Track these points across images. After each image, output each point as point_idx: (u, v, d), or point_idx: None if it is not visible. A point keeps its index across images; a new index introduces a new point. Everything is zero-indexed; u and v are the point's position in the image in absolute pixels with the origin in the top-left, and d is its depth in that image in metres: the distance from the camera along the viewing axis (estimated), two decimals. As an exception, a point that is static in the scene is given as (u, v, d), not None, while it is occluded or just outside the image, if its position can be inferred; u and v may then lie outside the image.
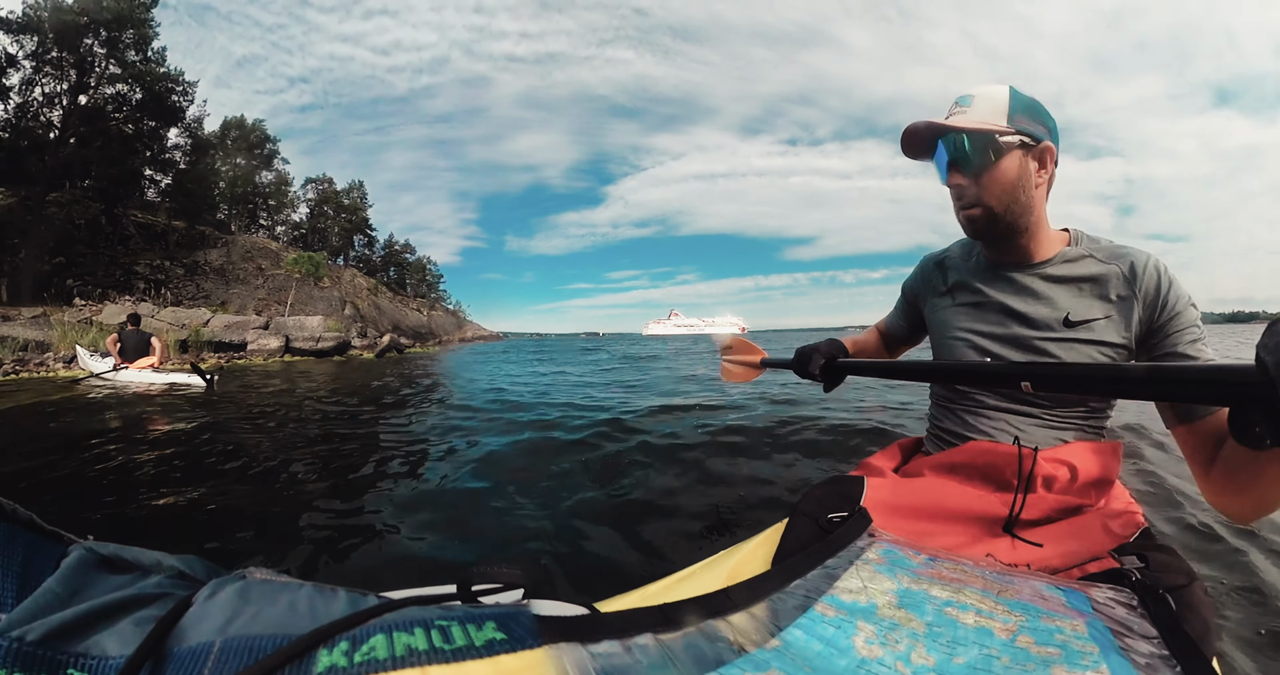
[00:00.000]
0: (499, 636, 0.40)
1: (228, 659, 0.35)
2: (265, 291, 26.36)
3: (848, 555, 0.77)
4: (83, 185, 22.77)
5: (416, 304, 47.20)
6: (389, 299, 39.62)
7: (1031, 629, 0.59)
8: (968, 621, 0.61)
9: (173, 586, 0.42)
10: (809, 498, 0.98)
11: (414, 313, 42.44)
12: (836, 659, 0.53)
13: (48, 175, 20.86)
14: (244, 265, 27.76)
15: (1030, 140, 0.91)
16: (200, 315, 17.70)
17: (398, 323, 35.67)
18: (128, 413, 4.99)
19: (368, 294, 35.32)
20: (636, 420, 4.05)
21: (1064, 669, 0.52)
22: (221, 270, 26.44)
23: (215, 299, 24.16)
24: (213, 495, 2.46)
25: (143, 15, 23.40)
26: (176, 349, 14.50)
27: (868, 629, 0.59)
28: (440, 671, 0.36)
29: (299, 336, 18.03)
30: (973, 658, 0.54)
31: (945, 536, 0.90)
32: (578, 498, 2.34)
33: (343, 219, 44.68)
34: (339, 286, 31.82)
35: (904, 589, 0.68)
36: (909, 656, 0.54)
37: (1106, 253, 0.95)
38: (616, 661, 0.43)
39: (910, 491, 0.98)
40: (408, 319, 38.87)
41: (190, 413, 4.97)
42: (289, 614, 0.39)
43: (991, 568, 0.79)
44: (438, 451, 3.39)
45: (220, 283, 25.70)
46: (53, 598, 0.36)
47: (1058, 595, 0.68)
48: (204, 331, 16.19)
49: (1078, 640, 0.57)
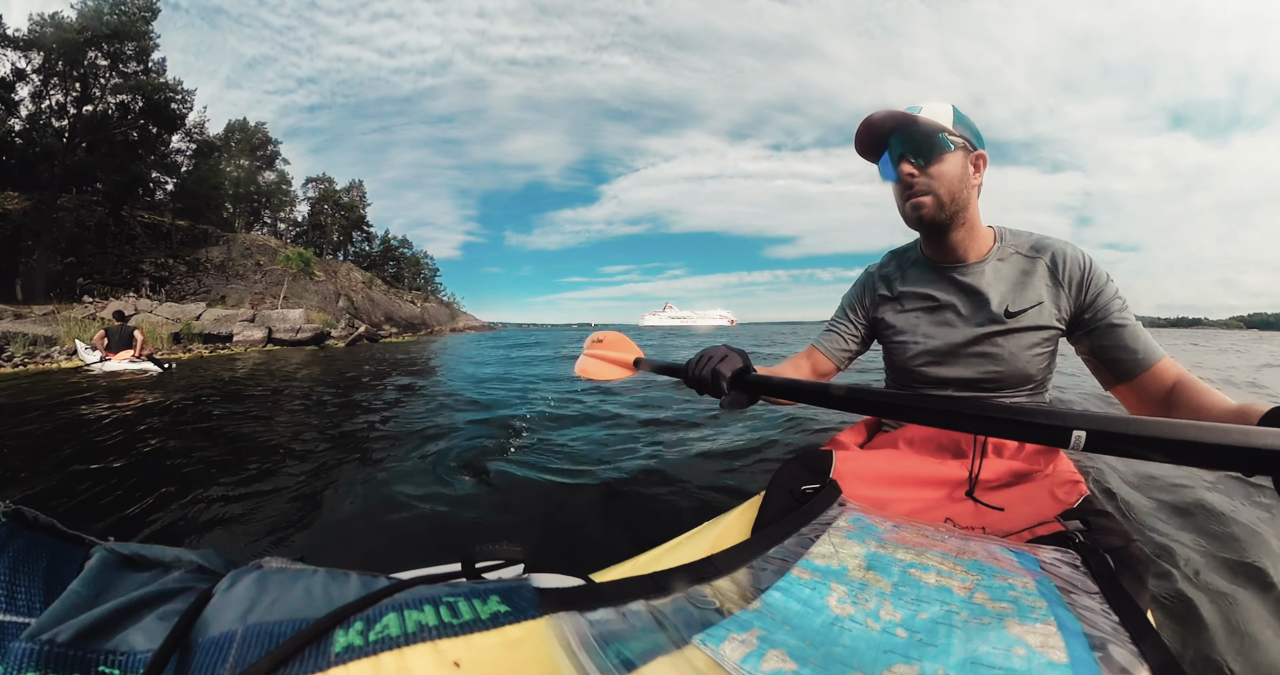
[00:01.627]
0: (503, 609, 0.42)
1: (250, 646, 0.36)
2: (263, 286, 26.52)
3: (820, 523, 0.80)
4: (90, 189, 23.20)
5: (411, 296, 47.52)
6: (383, 292, 39.70)
7: (987, 587, 0.62)
8: (930, 581, 0.64)
9: (193, 580, 0.43)
10: (784, 471, 1.01)
11: (408, 304, 42.65)
12: (813, 617, 0.56)
13: (58, 181, 21.28)
14: (243, 261, 27.89)
15: (970, 145, 0.99)
16: (193, 310, 18.34)
17: (391, 314, 35.87)
18: (86, 398, 5.18)
19: (362, 287, 35.34)
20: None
21: (1016, 622, 0.54)
22: (222, 266, 26.64)
23: (215, 294, 24.34)
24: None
25: (143, 28, 23.72)
26: (170, 341, 15.38)
27: (840, 590, 0.62)
28: (450, 644, 0.37)
29: (281, 328, 18.66)
30: (935, 613, 0.57)
31: (908, 503, 0.94)
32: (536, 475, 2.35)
33: (340, 216, 44.88)
34: (335, 280, 31.87)
35: (872, 553, 0.71)
36: (878, 613, 0.57)
37: (1031, 246, 1.00)
38: (612, 627, 0.45)
39: (875, 463, 1.01)
40: (401, 310, 38.97)
41: (141, 398, 5.15)
42: (305, 599, 0.40)
43: (950, 532, 0.82)
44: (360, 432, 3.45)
45: (221, 278, 25.88)
46: (79, 599, 0.36)
47: (1010, 556, 0.71)
48: (195, 325, 17.00)
49: (1028, 596, 0.60)
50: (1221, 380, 6.16)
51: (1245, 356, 11.72)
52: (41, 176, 20.77)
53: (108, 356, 8.35)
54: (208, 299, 23.17)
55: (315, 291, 28.41)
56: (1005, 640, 0.51)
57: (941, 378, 1.07)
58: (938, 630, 0.53)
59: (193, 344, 16.38)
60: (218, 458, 2.86)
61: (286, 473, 2.51)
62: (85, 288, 20.35)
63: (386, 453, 2.89)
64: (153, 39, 24.46)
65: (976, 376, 1.03)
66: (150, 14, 24.25)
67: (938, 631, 0.53)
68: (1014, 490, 0.93)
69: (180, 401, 4.91)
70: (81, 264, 21.51)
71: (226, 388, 6.27)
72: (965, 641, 0.51)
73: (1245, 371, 7.79)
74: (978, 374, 1.03)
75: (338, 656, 0.35)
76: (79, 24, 21.64)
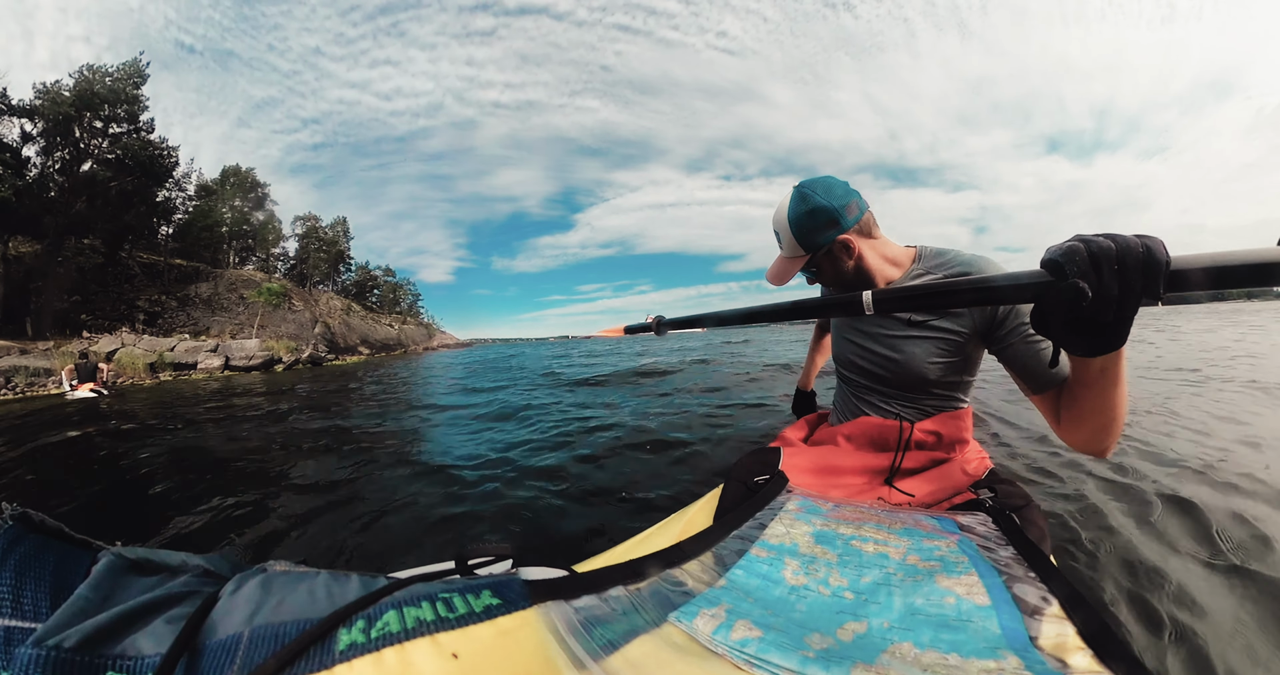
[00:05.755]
0: (495, 602, 0.42)
1: (257, 647, 0.35)
2: (244, 318, 27.07)
3: (772, 508, 0.84)
4: (86, 240, 23.86)
5: (390, 319, 48.38)
6: (361, 317, 40.16)
7: (916, 550, 0.67)
8: (868, 550, 0.67)
9: (200, 584, 0.41)
10: (739, 466, 1.07)
11: (385, 327, 43.27)
12: (772, 589, 0.59)
13: (61, 230, 21.97)
14: (228, 295, 28.24)
15: (823, 248, 0.97)
16: (167, 343, 19.66)
17: (366, 337, 36.54)
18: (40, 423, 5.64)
19: (340, 313, 35.84)
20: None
21: (944, 576, 0.59)
22: (209, 301, 27.03)
23: (201, 326, 24.83)
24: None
25: (133, 93, 24.91)
26: (146, 370, 17.11)
27: (794, 563, 0.65)
28: (448, 637, 0.37)
29: (237, 356, 20.19)
30: (875, 576, 0.60)
31: (844, 488, 1.00)
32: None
33: (323, 251, 45.62)
34: (314, 308, 32.48)
35: (818, 530, 0.75)
36: (827, 580, 0.60)
37: (944, 265, 0.99)
38: (595, 612, 0.47)
39: (816, 456, 1.09)
40: (377, 333, 39.63)
41: (82, 423, 5.49)
42: (309, 600, 0.40)
43: (882, 507, 0.88)
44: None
45: (207, 311, 26.33)
46: (86, 604, 0.35)
47: (934, 523, 0.76)
48: (168, 355, 18.38)
49: (952, 554, 0.65)
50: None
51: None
52: (47, 229, 21.67)
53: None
54: (194, 330, 23.89)
55: (292, 320, 29.09)
56: (936, 592, 0.56)
57: (859, 367, 1.13)
58: (879, 590, 0.57)
59: (163, 372, 17.72)
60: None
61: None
62: (87, 323, 21.37)
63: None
64: (142, 102, 25.54)
65: (881, 373, 1.08)
66: (140, 79, 25.51)
67: (879, 591, 0.57)
68: (933, 472, 1.01)
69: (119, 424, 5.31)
70: (86, 302, 22.44)
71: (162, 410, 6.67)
72: (904, 597, 0.55)
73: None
74: (883, 371, 1.08)
75: (342, 654, 0.34)
76: (74, 93, 22.90)
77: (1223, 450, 2.33)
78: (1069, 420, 0.76)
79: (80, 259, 23.19)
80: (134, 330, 22.09)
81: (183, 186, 31.68)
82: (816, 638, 0.49)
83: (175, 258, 29.57)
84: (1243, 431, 2.64)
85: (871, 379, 1.12)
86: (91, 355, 15.45)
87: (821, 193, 0.96)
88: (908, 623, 0.51)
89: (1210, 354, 6.50)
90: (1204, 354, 6.53)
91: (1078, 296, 0.48)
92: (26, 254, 21.85)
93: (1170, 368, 5.30)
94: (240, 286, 29.92)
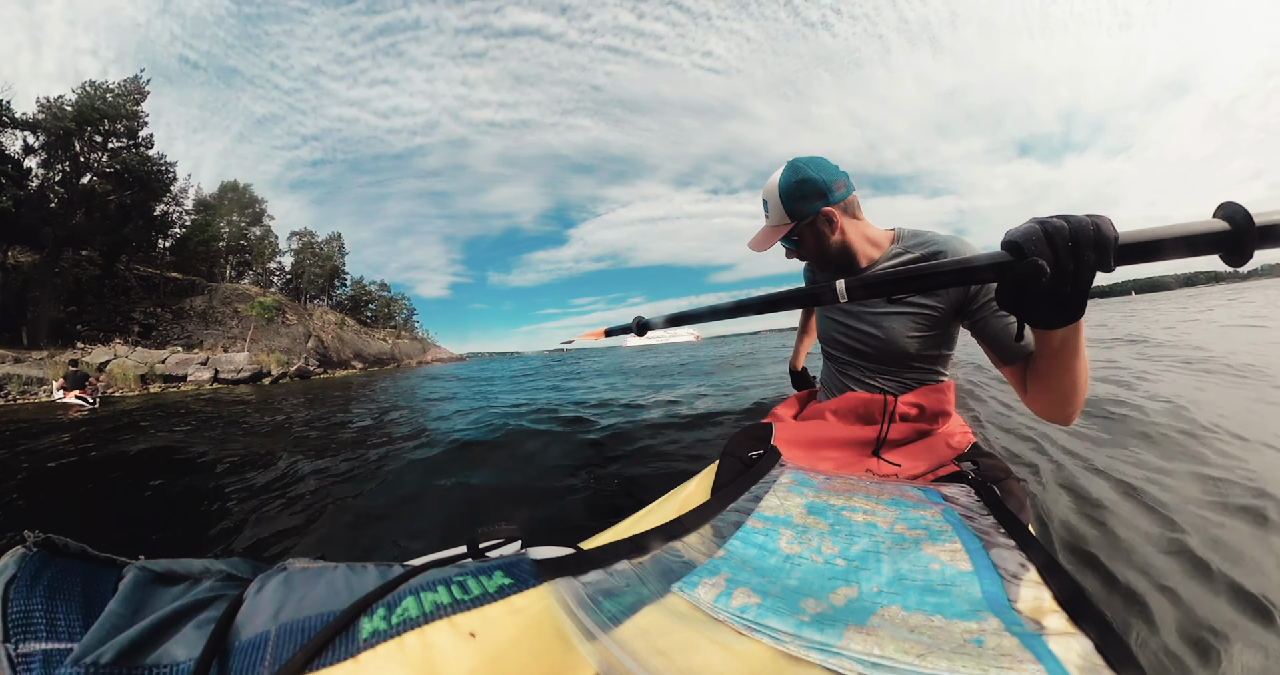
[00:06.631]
0: (507, 582, 0.44)
1: (284, 642, 0.36)
2: (238, 331, 26.69)
3: (766, 482, 0.86)
4: (84, 252, 23.85)
5: (384, 334, 47.71)
6: (355, 331, 39.84)
7: (903, 519, 0.68)
8: (858, 519, 0.69)
9: (224, 588, 0.42)
10: (733, 442, 1.09)
11: (379, 341, 42.74)
12: (768, 558, 0.60)
13: (59, 241, 21.87)
14: (222, 309, 27.96)
15: (808, 218, 0.99)
16: (159, 355, 19.55)
17: (359, 351, 36.11)
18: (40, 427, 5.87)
19: (334, 328, 35.52)
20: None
21: (929, 543, 0.60)
22: (203, 314, 26.78)
23: (195, 339, 24.48)
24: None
25: (132, 109, 25.08)
26: (138, 381, 17.22)
27: (788, 533, 0.66)
28: (464, 618, 0.39)
29: (226, 369, 20.26)
30: (865, 544, 0.62)
31: (833, 460, 1.02)
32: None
33: (315, 267, 45.26)
34: (308, 322, 32.09)
35: (810, 501, 0.77)
36: (820, 549, 0.62)
37: (922, 245, 1.02)
38: (602, 586, 0.48)
39: (806, 430, 1.10)
40: (370, 347, 39.10)
41: (75, 430, 5.49)
42: (330, 593, 0.41)
43: (871, 479, 0.90)
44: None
45: (201, 325, 25.99)
46: (118, 619, 0.35)
47: (919, 494, 0.78)
48: (159, 367, 18.28)
49: (936, 523, 0.66)
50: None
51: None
52: (45, 240, 21.58)
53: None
54: (187, 343, 23.57)
55: (285, 334, 28.81)
56: (922, 559, 0.57)
57: (843, 344, 1.16)
58: (869, 557, 0.59)
59: (153, 384, 17.71)
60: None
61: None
62: (82, 334, 21.14)
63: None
64: (142, 118, 25.73)
65: (864, 349, 1.11)
66: (140, 96, 25.75)
67: (869, 558, 0.59)
68: (917, 444, 1.03)
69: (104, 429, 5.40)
70: (81, 313, 22.28)
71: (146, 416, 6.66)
72: (892, 563, 0.57)
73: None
74: (865, 347, 1.10)
75: (365, 642, 0.35)
76: (76, 108, 23.09)
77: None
78: (1035, 390, 0.79)
79: (77, 270, 23.22)
80: (128, 342, 21.86)
81: (180, 201, 31.70)
82: (811, 602, 0.50)
83: (171, 271, 29.37)
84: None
85: (855, 355, 1.15)
86: (83, 365, 15.44)
87: (813, 168, 0.99)
88: (896, 587, 0.53)
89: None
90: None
91: (1037, 273, 0.51)
92: (25, 264, 21.92)
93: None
94: (235, 300, 29.76)
